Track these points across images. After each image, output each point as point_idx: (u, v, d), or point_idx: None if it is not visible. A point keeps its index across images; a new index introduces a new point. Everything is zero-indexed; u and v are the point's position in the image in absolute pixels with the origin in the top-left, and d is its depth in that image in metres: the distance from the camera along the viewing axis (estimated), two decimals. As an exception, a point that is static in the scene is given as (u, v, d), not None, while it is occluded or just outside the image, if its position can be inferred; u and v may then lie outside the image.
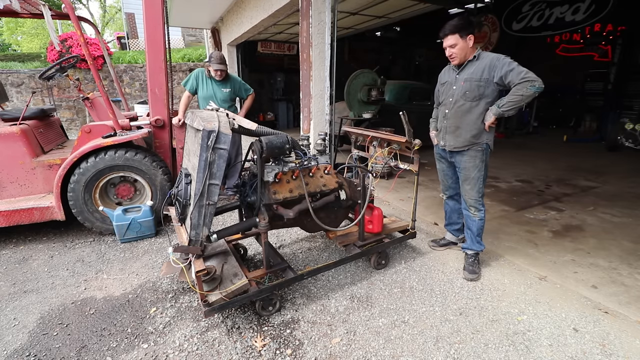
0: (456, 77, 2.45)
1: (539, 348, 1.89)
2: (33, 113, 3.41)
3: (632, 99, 8.46)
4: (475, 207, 2.57)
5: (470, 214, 2.61)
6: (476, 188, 2.53)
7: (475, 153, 2.47)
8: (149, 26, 3.22)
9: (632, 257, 2.85)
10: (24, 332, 2.06)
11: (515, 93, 2.19)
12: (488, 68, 2.28)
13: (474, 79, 2.34)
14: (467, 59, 2.38)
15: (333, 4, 3.87)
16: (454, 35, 2.31)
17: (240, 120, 2.11)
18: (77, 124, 9.34)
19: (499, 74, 2.24)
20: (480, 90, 2.33)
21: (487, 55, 2.33)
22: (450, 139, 2.54)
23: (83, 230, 3.43)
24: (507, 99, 2.23)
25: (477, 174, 2.50)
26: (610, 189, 4.69)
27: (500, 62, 2.24)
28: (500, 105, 2.27)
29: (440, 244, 3.01)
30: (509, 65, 2.21)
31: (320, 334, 2.02)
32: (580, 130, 9.30)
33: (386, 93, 6.44)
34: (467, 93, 2.38)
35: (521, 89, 2.16)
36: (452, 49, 2.35)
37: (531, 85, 2.13)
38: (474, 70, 2.34)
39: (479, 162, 2.48)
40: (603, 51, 8.78)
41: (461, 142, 2.47)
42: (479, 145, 2.45)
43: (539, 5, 7.88)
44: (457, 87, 2.44)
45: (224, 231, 2.10)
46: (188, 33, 15.21)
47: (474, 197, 2.55)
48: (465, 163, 2.52)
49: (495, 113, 2.31)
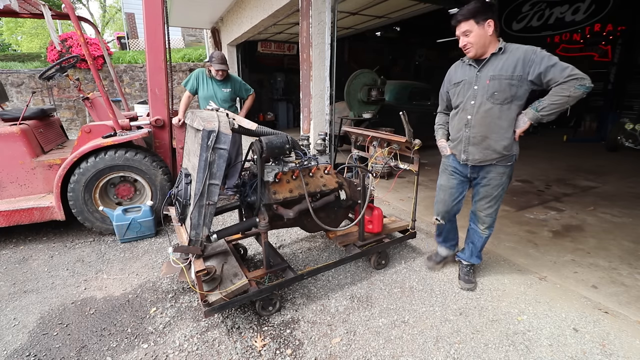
0: (477, 74, 2.02)
1: (539, 348, 1.89)
2: (33, 113, 3.41)
3: (632, 99, 8.47)
4: (488, 225, 2.31)
5: (479, 230, 2.34)
6: (496, 206, 2.24)
7: (504, 169, 2.11)
8: (149, 26, 3.22)
9: (632, 257, 2.85)
10: (24, 332, 2.06)
11: (559, 94, 1.81)
12: (522, 63, 1.87)
13: (504, 76, 1.91)
14: (486, 52, 1.98)
15: (333, 4, 3.87)
16: (467, 21, 1.92)
17: (240, 120, 2.11)
18: (77, 124, 9.34)
19: (537, 70, 1.84)
20: (512, 90, 1.92)
21: (517, 48, 1.92)
22: (476, 151, 2.11)
23: (83, 230, 3.43)
24: (549, 100, 1.84)
25: (500, 192, 2.18)
26: (610, 189, 4.69)
27: (537, 56, 1.84)
28: (540, 109, 1.88)
29: (435, 261, 2.65)
30: (549, 60, 1.81)
31: (320, 334, 2.02)
32: (580, 130, 9.30)
33: (386, 93, 6.44)
34: (495, 94, 1.96)
35: (568, 88, 1.77)
36: (465, 38, 1.95)
37: (580, 85, 1.75)
38: (502, 66, 1.92)
39: (505, 178, 2.14)
40: (603, 51, 8.77)
41: (490, 155, 2.08)
42: (509, 158, 2.08)
43: (539, 5, 7.89)
44: (480, 86, 2.01)
45: (224, 231, 2.10)
46: (188, 33, 15.22)
47: (492, 216, 2.28)
48: (490, 180, 2.16)
49: (532, 118, 1.92)
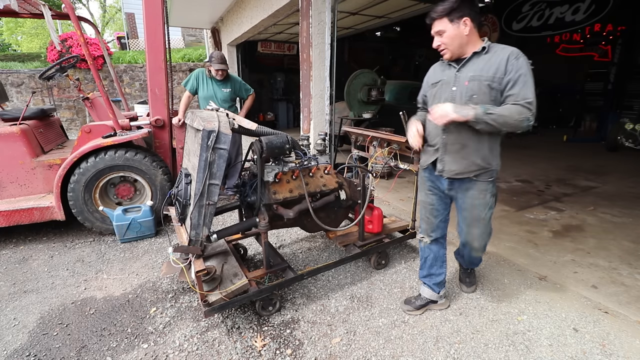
0: (456, 74, 1.81)
1: (539, 348, 1.89)
2: (33, 113, 3.41)
3: (632, 99, 8.46)
4: (481, 250, 2.06)
5: (472, 254, 2.13)
6: (487, 230, 1.97)
7: (485, 186, 1.86)
8: (149, 26, 3.22)
9: (632, 257, 2.85)
10: (24, 332, 2.06)
11: (512, 112, 1.62)
12: (505, 64, 1.67)
13: (484, 77, 1.71)
14: (465, 52, 1.77)
15: (333, 4, 3.87)
16: (441, 19, 1.72)
17: (240, 120, 2.11)
18: (77, 124, 9.34)
19: (508, 77, 1.66)
20: (493, 93, 1.71)
21: (503, 48, 1.72)
22: (452, 161, 1.86)
23: (83, 230, 3.43)
24: (501, 111, 1.63)
25: (487, 213, 1.91)
26: (610, 189, 4.69)
27: (517, 63, 1.65)
28: (490, 112, 1.63)
29: (415, 305, 2.19)
30: (525, 76, 1.64)
31: (320, 334, 2.02)
32: (580, 130, 9.30)
33: (386, 93, 6.45)
34: (474, 97, 1.74)
35: (520, 113, 1.61)
36: (439, 38, 1.76)
37: (527, 119, 1.61)
38: (484, 66, 1.71)
39: (489, 196, 1.88)
40: (603, 51, 8.77)
41: (467, 167, 1.83)
42: (489, 172, 1.84)
43: (539, 5, 7.89)
44: (458, 88, 1.79)
45: (224, 231, 2.10)
46: (188, 33, 15.22)
47: (484, 241, 2.01)
48: (472, 200, 1.88)
49: (476, 116, 1.64)
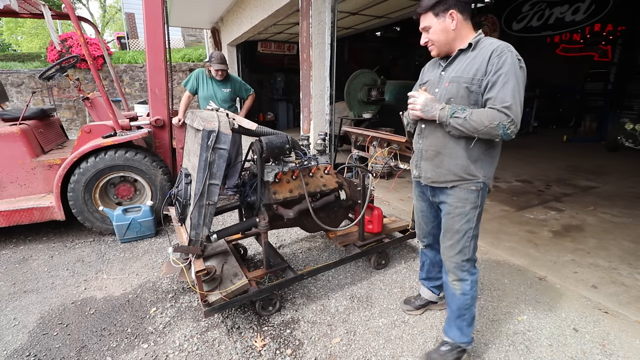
0: (441, 74, 1.63)
1: (539, 348, 1.89)
2: (33, 113, 3.41)
3: (632, 99, 8.46)
4: (455, 274, 1.71)
5: (449, 283, 1.75)
6: (459, 247, 1.67)
7: (465, 194, 1.61)
8: (149, 26, 3.22)
9: (632, 257, 2.85)
10: (24, 332, 2.06)
11: (481, 115, 1.42)
12: (487, 63, 1.46)
13: (463, 79, 1.51)
14: (453, 49, 1.59)
15: (333, 4, 3.87)
16: (426, 14, 1.56)
17: (240, 120, 2.11)
18: (77, 124, 9.34)
19: (487, 78, 1.45)
20: (472, 97, 1.51)
21: (489, 44, 1.48)
22: (428, 168, 1.69)
23: (83, 230, 3.43)
24: (469, 115, 1.44)
25: (463, 226, 1.65)
26: (610, 189, 4.69)
27: (499, 61, 1.42)
28: (456, 115, 1.46)
29: (415, 305, 2.18)
30: (506, 75, 1.40)
31: (320, 334, 2.02)
32: (580, 130, 9.30)
33: (386, 93, 6.45)
34: (452, 101, 1.55)
35: (491, 118, 1.40)
36: (426, 34, 1.60)
37: (503, 126, 1.40)
38: (466, 66, 1.51)
39: (469, 208, 1.62)
40: (603, 51, 8.77)
41: (444, 176, 1.64)
42: (472, 182, 1.60)
43: (539, 5, 7.88)
44: (439, 89, 1.62)
45: (224, 231, 2.10)
46: (188, 33, 15.23)
47: (454, 260, 1.70)
48: (449, 207, 1.67)
49: (441, 117, 1.51)
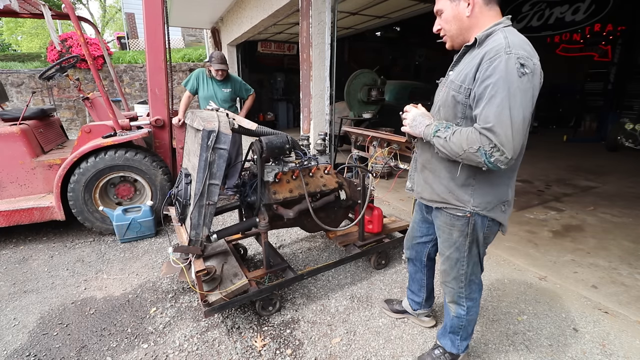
0: (448, 73, 1.42)
1: (539, 348, 1.89)
2: (33, 113, 3.41)
3: (632, 99, 8.47)
4: (450, 297, 1.60)
5: (445, 301, 1.68)
6: (453, 274, 1.53)
7: (451, 220, 1.43)
8: (149, 26, 3.22)
9: (632, 257, 2.85)
10: (24, 332, 2.06)
11: (461, 137, 1.21)
12: (476, 69, 1.21)
13: (454, 85, 1.30)
14: (468, 41, 1.31)
15: (333, 4, 3.87)
16: None
17: (240, 120, 2.11)
18: (77, 124, 9.34)
19: (474, 89, 1.21)
20: (458, 108, 1.29)
21: (492, 42, 1.20)
22: (419, 182, 1.56)
23: (83, 230, 3.43)
24: (450, 136, 1.25)
25: (453, 254, 1.49)
26: (610, 189, 4.69)
27: (489, 68, 1.15)
28: (439, 134, 1.28)
29: (393, 308, 2.14)
30: (494, 87, 1.13)
31: (320, 334, 2.02)
32: (580, 130, 9.30)
33: (386, 93, 6.45)
34: (441, 109, 1.38)
35: (470, 142, 1.18)
36: (438, 19, 1.37)
37: (484, 152, 1.15)
38: (464, 67, 1.29)
39: (456, 236, 1.44)
40: (603, 51, 8.78)
41: (430, 194, 1.48)
42: (459, 209, 1.38)
43: (539, 5, 7.88)
44: (438, 94, 1.45)
45: (224, 231, 2.10)
46: (188, 33, 15.23)
47: (450, 286, 1.57)
48: (438, 230, 1.55)
49: (425, 135, 1.35)
